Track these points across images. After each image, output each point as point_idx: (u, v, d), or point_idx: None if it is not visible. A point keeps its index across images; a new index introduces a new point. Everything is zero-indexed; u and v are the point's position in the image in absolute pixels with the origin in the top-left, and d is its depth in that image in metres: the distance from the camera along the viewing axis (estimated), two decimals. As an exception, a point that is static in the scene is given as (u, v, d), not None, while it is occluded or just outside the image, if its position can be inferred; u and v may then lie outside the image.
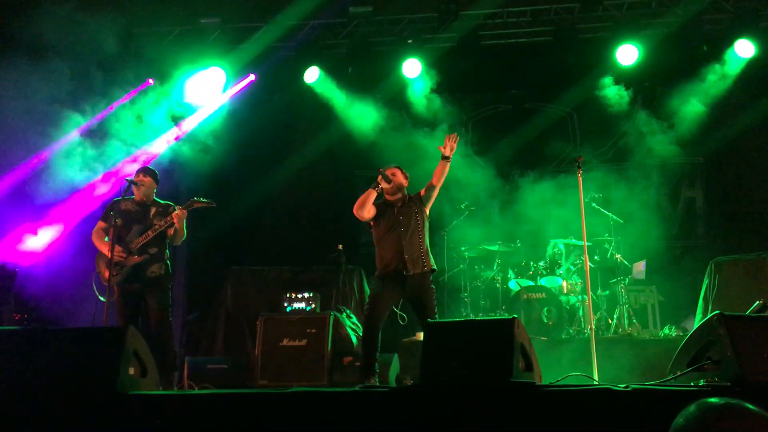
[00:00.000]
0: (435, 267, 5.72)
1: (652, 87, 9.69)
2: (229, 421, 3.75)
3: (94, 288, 5.94)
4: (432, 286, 5.66)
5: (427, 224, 5.78)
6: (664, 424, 1.70)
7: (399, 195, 5.80)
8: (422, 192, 5.80)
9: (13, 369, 3.94)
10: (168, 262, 6.13)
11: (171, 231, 6.02)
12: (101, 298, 5.80)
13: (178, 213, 5.87)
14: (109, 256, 5.75)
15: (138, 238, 5.93)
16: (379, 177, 5.66)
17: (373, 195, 5.64)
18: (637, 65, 8.91)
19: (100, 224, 6.07)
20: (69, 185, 7.73)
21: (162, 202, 6.18)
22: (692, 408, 1.59)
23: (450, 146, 5.69)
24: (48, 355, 4.01)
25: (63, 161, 7.81)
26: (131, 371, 4.04)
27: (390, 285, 5.58)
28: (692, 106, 9.17)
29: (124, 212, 6.03)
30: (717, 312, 3.73)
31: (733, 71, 8.88)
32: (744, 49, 8.63)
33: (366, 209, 5.66)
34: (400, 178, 5.84)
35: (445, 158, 5.69)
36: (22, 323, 7.44)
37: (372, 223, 5.78)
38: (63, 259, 7.60)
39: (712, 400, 1.58)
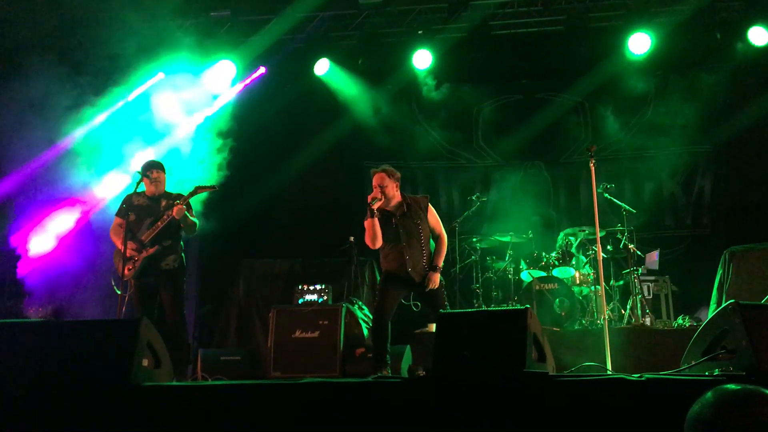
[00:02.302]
0: (441, 264, 5.64)
1: (665, 75, 9.61)
2: (243, 412, 3.77)
3: (113, 283, 5.98)
4: (441, 279, 5.61)
5: (429, 229, 5.64)
6: (679, 414, 1.69)
7: (395, 200, 5.62)
8: (430, 217, 5.63)
9: (28, 361, 3.98)
10: (182, 254, 6.16)
11: (182, 225, 6.05)
12: (118, 291, 5.83)
13: (176, 209, 5.86)
14: (122, 251, 5.80)
15: (148, 231, 5.96)
16: (369, 202, 5.47)
17: (375, 222, 5.47)
18: (650, 54, 8.83)
19: (117, 220, 6.12)
20: (78, 182, 7.75)
21: (173, 193, 6.21)
22: (709, 395, 1.58)
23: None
24: (62, 347, 4.04)
25: (73, 158, 7.83)
26: (145, 363, 4.07)
27: (396, 281, 5.58)
28: (705, 94, 9.09)
29: (136, 207, 6.07)
30: (732, 301, 3.70)
31: (747, 59, 8.79)
32: (758, 36, 8.53)
33: (378, 239, 5.51)
34: (391, 188, 5.59)
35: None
36: (37, 316, 7.50)
37: None
38: (78, 253, 7.64)
39: (729, 386, 1.57)
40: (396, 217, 5.57)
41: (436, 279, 5.52)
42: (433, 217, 5.67)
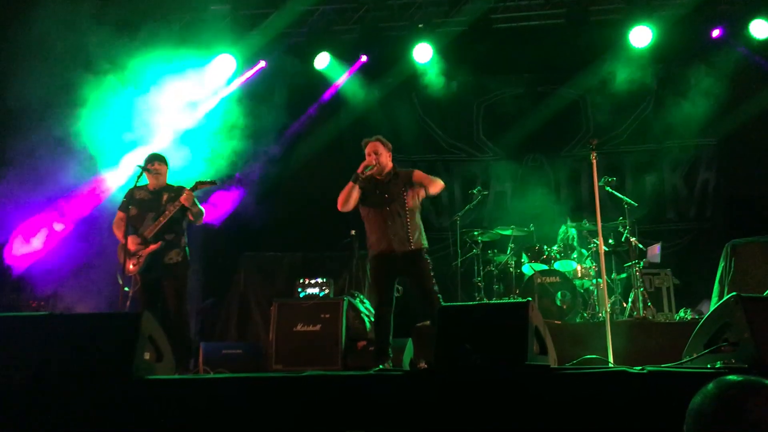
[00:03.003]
0: (425, 245, 5.53)
1: (666, 68, 9.58)
2: (245, 404, 3.77)
3: (118, 278, 5.96)
4: (426, 257, 5.47)
5: (416, 202, 5.55)
6: (681, 406, 1.69)
7: (386, 170, 5.59)
8: (415, 178, 5.56)
9: (31, 354, 3.99)
10: (186, 248, 6.15)
11: (189, 215, 6.05)
12: (125, 289, 5.83)
13: (185, 195, 5.88)
14: (126, 246, 5.81)
15: (151, 226, 5.95)
16: (361, 168, 5.47)
17: (355, 189, 5.46)
18: (651, 47, 8.81)
19: (119, 215, 6.11)
20: (71, 180, 7.74)
21: (174, 186, 6.19)
22: (711, 386, 1.57)
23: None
24: (65, 341, 4.05)
25: (66, 157, 7.80)
26: (147, 356, 4.08)
27: (383, 265, 5.48)
28: (707, 87, 9.07)
29: (138, 201, 6.06)
30: (734, 294, 3.69)
31: (748, 51, 8.77)
32: (760, 29, 8.50)
33: (349, 204, 5.50)
34: (385, 157, 5.57)
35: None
36: (39, 310, 7.50)
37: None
38: (81, 247, 7.63)
39: (731, 377, 1.56)
40: (382, 184, 5.55)
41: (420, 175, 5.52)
42: (419, 174, 5.58)
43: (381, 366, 5.24)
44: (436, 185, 5.55)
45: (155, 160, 6.13)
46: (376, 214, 5.51)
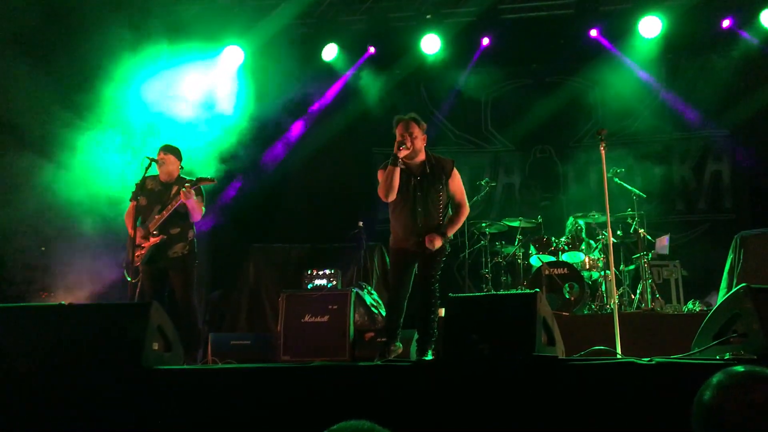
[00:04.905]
0: (450, 237, 5.21)
1: (676, 59, 9.51)
2: (253, 394, 3.79)
3: (124, 268, 5.99)
4: (447, 246, 5.15)
5: (448, 199, 5.20)
6: (689, 398, 1.69)
7: (419, 158, 5.10)
8: (452, 187, 5.14)
9: (41, 344, 4.01)
10: (193, 240, 6.12)
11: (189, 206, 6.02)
12: (128, 278, 5.84)
13: (183, 191, 5.83)
14: (133, 236, 5.81)
15: (156, 219, 5.95)
16: (395, 148, 4.95)
17: (397, 172, 4.94)
18: (661, 37, 8.75)
19: (131, 204, 6.08)
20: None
21: (186, 179, 6.15)
22: (716, 378, 1.57)
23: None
24: (74, 331, 4.08)
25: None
26: (156, 346, 4.11)
27: (405, 259, 5.21)
28: (717, 77, 9.00)
29: (148, 191, 6.03)
30: (743, 285, 3.68)
31: (759, 41, 8.69)
32: (770, 18, 8.43)
33: (393, 191, 4.95)
34: (420, 140, 5.05)
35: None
36: (49, 300, 7.54)
37: None
38: (90, 238, 7.66)
39: (736, 368, 1.56)
40: (415, 179, 5.04)
41: (438, 242, 4.93)
42: (456, 183, 5.15)
43: (387, 352, 5.13)
44: (462, 212, 5.13)
45: (161, 150, 6.09)
46: (405, 212, 5.05)
